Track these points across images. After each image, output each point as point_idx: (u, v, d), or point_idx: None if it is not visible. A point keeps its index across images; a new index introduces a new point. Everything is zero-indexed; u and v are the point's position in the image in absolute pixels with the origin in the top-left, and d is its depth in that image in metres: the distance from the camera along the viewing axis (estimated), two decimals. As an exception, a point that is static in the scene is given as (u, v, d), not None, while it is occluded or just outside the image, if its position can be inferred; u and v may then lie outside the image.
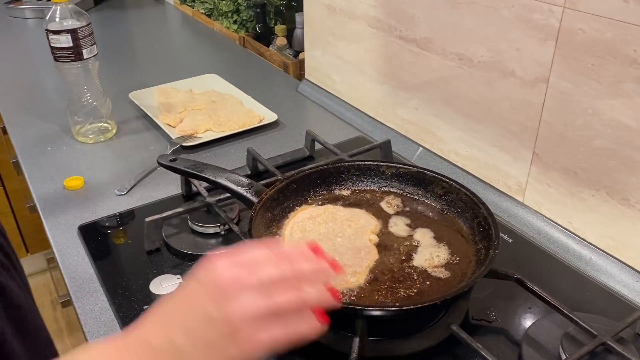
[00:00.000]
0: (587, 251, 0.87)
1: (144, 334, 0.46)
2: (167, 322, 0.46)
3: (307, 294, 0.47)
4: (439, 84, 1.06)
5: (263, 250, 0.47)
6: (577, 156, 0.85)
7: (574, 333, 0.70)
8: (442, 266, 0.75)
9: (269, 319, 0.45)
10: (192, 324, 0.45)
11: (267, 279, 0.45)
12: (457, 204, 0.84)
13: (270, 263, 0.46)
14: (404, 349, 0.71)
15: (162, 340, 0.45)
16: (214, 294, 0.45)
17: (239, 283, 0.44)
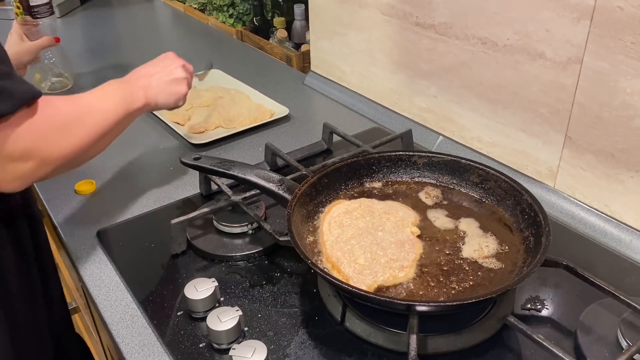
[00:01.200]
0: (627, 234, 0.85)
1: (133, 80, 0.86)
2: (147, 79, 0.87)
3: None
4: (460, 70, 1.04)
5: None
6: (614, 137, 0.83)
7: (631, 319, 0.68)
8: (492, 256, 0.73)
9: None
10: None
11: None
12: (495, 191, 0.82)
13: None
14: (457, 344, 0.68)
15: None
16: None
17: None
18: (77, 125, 0.69)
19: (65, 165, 0.69)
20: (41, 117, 0.64)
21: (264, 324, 0.74)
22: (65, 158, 0.68)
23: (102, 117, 0.74)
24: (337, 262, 0.72)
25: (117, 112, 0.76)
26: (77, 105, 0.72)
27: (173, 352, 0.71)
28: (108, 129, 0.74)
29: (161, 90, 0.86)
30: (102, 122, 0.73)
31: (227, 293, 0.79)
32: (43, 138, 0.65)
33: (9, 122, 0.61)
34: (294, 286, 0.80)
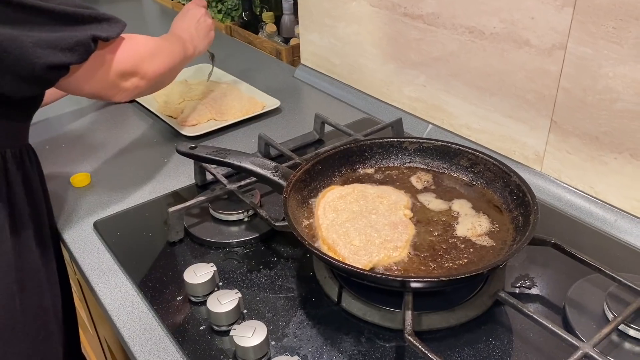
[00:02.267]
0: (612, 214, 0.88)
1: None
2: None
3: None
4: (449, 59, 1.06)
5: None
6: (598, 120, 0.86)
7: (617, 292, 0.71)
8: (485, 235, 0.75)
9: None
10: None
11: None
12: (485, 174, 0.84)
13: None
14: (451, 321, 0.71)
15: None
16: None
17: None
18: (160, 54, 0.87)
19: (153, 85, 0.87)
20: (137, 43, 0.83)
21: (263, 306, 0.75)
22: (156, 77, 0.86)
23: (173, 53, 0.93)
24: (333, 244, 0.73)
25: (180, 53, 0.96)
26: (157, 43, 0.88)
27: (174, 335, 0.72)
28: (177, 64, 0.94)
29: (200, 40, 1.08)
30: (175, 57, 0.93)
31: (225, 278, 0.80)
32: (140, 60, 0.82)
33: (114, 45, 0.78)
34: (290, 270, 0.82)
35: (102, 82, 0.79)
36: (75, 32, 0.71)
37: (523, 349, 0.68)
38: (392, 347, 0.69)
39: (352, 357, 0.68)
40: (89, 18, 0.73)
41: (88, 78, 0.77)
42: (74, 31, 0.71)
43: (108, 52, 0.78)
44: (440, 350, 0.68)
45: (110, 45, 0.78)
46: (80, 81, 0.76)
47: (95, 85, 0.78)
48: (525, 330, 0.71)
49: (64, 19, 0.70)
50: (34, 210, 0.83)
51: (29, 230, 0.82)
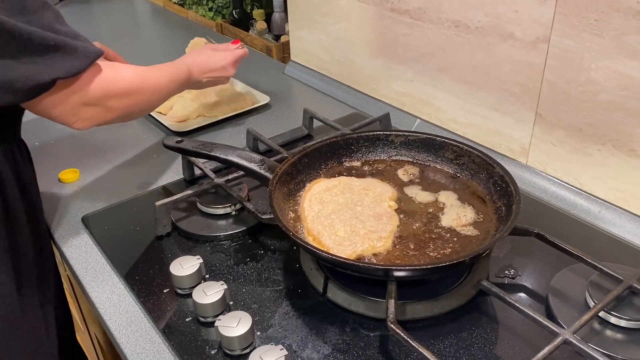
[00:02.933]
0: (596, 205, 0.89)
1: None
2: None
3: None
4: (435, 54, 1.07)
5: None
6: (581, 112, 0.87)
7: (599, 280, 0.72)
8: (470, 225, 0.76)
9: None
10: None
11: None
12: (469, 166, 0.85)
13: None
14: (434, 310, 0.71)
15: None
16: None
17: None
18: (137, 93, 0.83)
19: (123, 117, 0.83)
20: (109, 77, 0.77)
21: (249, 298, 0.76)
22: (124, 113, 0.82)
23: (156, 89, 0.88)
24: (318, 235, 0.74)
25: (168, 86, 0.92)
26: (138, 79, 0.83)
27: (160, 327, 0.72)
28: (160, 97, 0.91)
29: (206, 81, 1.06)
30: (157, 92, 0.88)
31: (211, 270, 0.81)
32: (108, 95, 0.78)
33: (83, 76, 0.74)
34: (277, 262, 0.82)
35: (63, 108, 0.75)
36: (35, 69, 0.68)
37: (506, 337, 0.69)
38: (376, 336, 0.70)
39: (337, 346, 0.69)
40: (54, 48, 0.69)
41: (52, 104, 0.74)
42: (34, 69, 0.68)
43: (74, 81, 0.74)
44: (423, 338, 0.68)
45: (79, 76, 0.74)
46: (45, 106, 0.74)
47: (58, 111, 0.75)
48: (508, 319, 0.71)
49: (28, 46, 0.68)
50: (28, 206, 0.84)
51: (24, 227, 0.82)
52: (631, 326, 0.68)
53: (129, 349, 0.71)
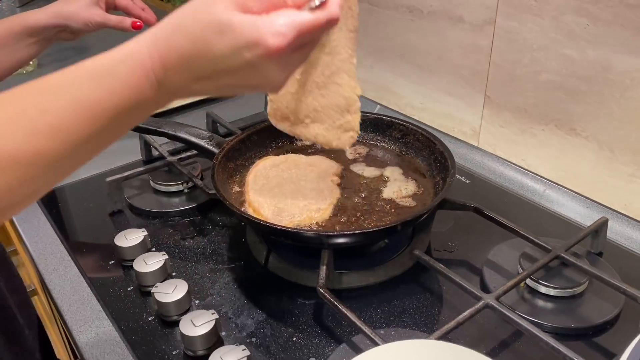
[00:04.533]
0: (541, 185, 0.91)
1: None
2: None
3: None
4: (392, 39, 1.09)
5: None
6: (526, 93, 0.89)
7: (531, 252, 0.73)
8: (409, 197, 0.78)
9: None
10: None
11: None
12: (414, 144, 0.87)
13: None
14: (370, 279, 0.73)
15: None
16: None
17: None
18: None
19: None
20: None
21: (191, 268, 0.77)
22: None
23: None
24: (258, 207, 0.75)
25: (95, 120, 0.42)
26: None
27: (102, 296, 0.74)
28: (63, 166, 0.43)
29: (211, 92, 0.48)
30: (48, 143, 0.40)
31: (158, 244, 0.82)
32: None
33: None
34: (224, 237, 0.84)
35: None
36: None
37: (437, 305, 0.70)
38: (311, 303, 0.71)
39: (271, 312, 0.70)
40: None
41: None
42: None
43: None
44: (356, 306, 0.70)
45: None
46: None
47: None
48: (441, 289, 0.73)
49: None
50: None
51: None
52: (560, 294, 0.69)
53: (70, 317, 0.72)
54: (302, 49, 0.44)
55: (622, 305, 0.68)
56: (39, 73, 1.43)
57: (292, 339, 0.66)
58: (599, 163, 0.83)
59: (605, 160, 0.82)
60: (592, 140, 0.82)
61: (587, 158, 0.84)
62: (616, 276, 0.71)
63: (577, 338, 0.65)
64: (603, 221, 0.76)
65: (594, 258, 0.76)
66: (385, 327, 0.67)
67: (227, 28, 0.41)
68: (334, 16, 0.43)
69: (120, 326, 0.69)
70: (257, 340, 0.66)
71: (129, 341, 0.67)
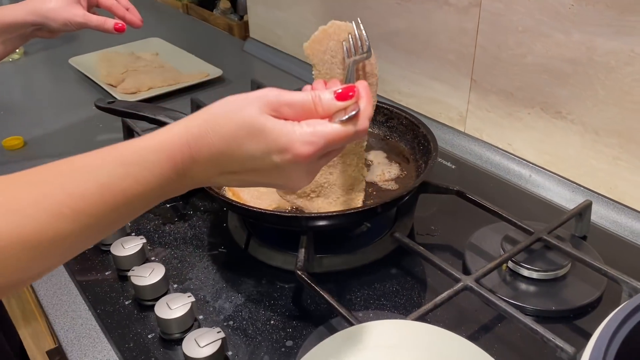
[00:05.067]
0: (527, 170, 0.90)
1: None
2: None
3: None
4: (379, 24, 1.07)
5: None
6: (512, 76, 0.87)
7: (514, 235, 0.73)
8: (392, 180, 0.77)
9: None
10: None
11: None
12: (398, 128, 0.86)
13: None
14: (351, 263, 0.72)
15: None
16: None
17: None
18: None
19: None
20: None
21: (170, 253, 0.76)
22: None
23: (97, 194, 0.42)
24: (238, 190, 0.74)
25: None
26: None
27: (79, 280, 0.73)
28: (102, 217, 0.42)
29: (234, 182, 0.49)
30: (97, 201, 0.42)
31: (138, 229, 0.81)
32: None
33: None
34: (205, 222, 0.83)
35: None
36: None
37: (416, 288, 0.69)
38: (290, 287, 0.70)
39: (250, 296, 0.69)
40: None
41: None
42: None
43: None
44: (335, 289, 0.69)
45: None
46: None
47: None
48: (422, 272, 0.72)
49: None
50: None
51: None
52: (542, 277, 0.68)
53: (47, 301, 0.71)
54: (328, 155, 0.48)
55: (604, 287, 0.67)
56: (25, 62, 1.43)
57: (270, 322, 0.65)
58: (585, 146, 0.82)
59: (590, 143, 0.81)
60: (578, 123, 0.81)
61: (572, 141, 0.83)
62: (599, 259, 0.70)
63: (559, 320, 0.65)
64: (586, 204, 0.75)
65: (577, 241, 0.75)
66: (364, 309, 0.66)
67: (260, 132, 0.44)
68: (362, 130, 0.46)
69: (96, 310, 0.68)
70: (234, 323, 0.65)
71: (104, 325, 0.66)
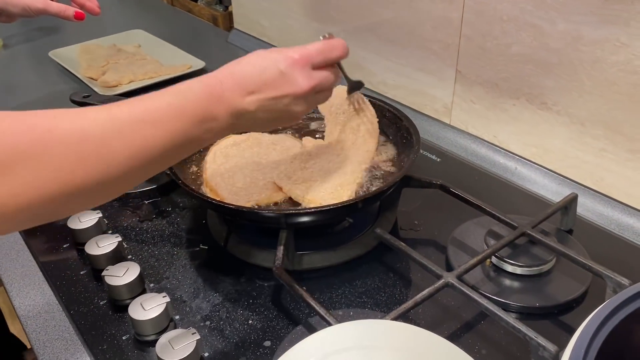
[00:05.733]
0: (513, 162, 0.88)
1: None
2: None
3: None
4: (364, 14, 1.05)
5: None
6: (497, 67, 0.86)
7: (498, 230, 0.71)
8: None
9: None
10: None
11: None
12: (381, 121, 0.83)
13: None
14: (332, 260, 0.70)
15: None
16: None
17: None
18: (32, 159, 0.42)
19: (18, 221, 0.44)
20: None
21: (147, 251, 0.74)
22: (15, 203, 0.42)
23: (142, 145, 0.47)
24: (215, 186, 0.73)
25: (169, 144, 0.49)
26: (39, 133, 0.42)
27: (53, 280, 0.71)
28: (144, 164, 0.48)
29: (257, 124, 0.58)
30: (140, 152, 0.47)
31: (115, 227, 0.79)
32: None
33: None
34: (184, 219, 0.81)
35: None
36: None
37: (398, 285, 0.68)
38: (270, 285, 0.69)
39: (228, 295, 0.67)
40: None
41: None
42: None
43: None
44: (316, 287, 0.67)
45: None
46: None
47: None
48: (404, 268, 0.70)
49: None
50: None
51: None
52: (526, 273, 0.67)
53: (19, 302, 0.69)
54: (319, 93, 0.61)
55: (589, 282, 0.66)
56: (4, 55, 1.40)
57: (248, 322, 0.64)
58: (571, 137, 0.80)
59: (576, 135, 0.79)
60: (563, 114, 0.80)
61: (558, 133, 0.81)
62: (585, 253, 0.69)
63: (543, 317, 0.64)
64: (572, 197, 0.74)
65: (563, 235, 0.74)
66: (344, 307, 0.65)
67: (265, 52, 0.57)
68: (339, 44, 0.66)
69: (70, 311, 0.66)
70: (211, 323, 0.64)
71: (78, 326, 0.64)
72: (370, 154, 0.75)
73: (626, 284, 0.59)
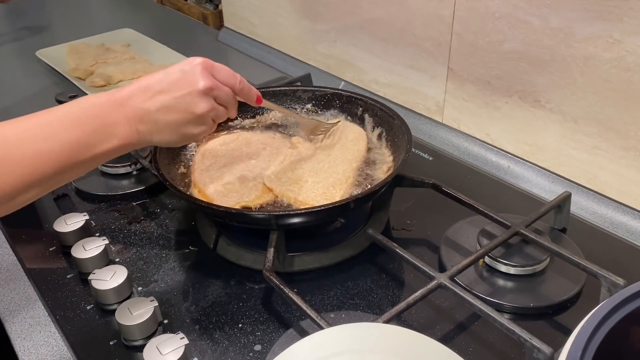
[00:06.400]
0: (505, 160, 0.88)
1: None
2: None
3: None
4: (354, 11, 1.04)
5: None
6: (489, 64, 0.85)
7: (491, 229, 0.70)
8: None
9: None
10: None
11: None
12: (373, 119, 0.83)
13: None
14: (323, 261, 0.69)
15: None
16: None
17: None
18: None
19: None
20: None
21: (135, 254, 0.73)
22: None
23: (33, 163, 0.50)
24: (203, 187, 0.71)
25: (66, 156, 0.52)
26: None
27: (39, 284, 0.69)
28: (41, 179, 0.51)
29: (160, 128, 0.58)
30: (33, 170, 0.50)
31: (102, 229, 0.78)
32: None
33: None
34: (172, 221, 0.79)
35: None
36: None
37: (391, 286, 0.67)
38: (260, 288, 0.67)
39: (218, 298, 0.66)
40: None
41: None
42: None
43: None
44: (307, 289, 0.66)
45: None
46: None
47: None
48: (396, 269, 0.69)
49: None
50: None
51: None
52: (520, 272, 0.66)
53: (3, 307, 0.67)
54: (220, 106, 0.62)
55: (583, 282, 0.65)
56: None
57: (238, 326, 0.62)
58: (564, 135, 0.79)
59: (569, 132, 0.78)
60: (556, 111, 0.79)
61: (551, 130, 0.81)
62: (579, 252, 0.69)
63: (537, 317, 0.63)
64: (565, 196, 0.73)
65: (557, 234, 0.73)
66: (336, 310, 0.64)
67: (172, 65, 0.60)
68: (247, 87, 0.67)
69: (55, 316, 0.64)
70: (200, 328, 0.62)
71: (64, 331, 0.63)
72: (361, 153, 0.74)
73: (621, 283, 0.58)
